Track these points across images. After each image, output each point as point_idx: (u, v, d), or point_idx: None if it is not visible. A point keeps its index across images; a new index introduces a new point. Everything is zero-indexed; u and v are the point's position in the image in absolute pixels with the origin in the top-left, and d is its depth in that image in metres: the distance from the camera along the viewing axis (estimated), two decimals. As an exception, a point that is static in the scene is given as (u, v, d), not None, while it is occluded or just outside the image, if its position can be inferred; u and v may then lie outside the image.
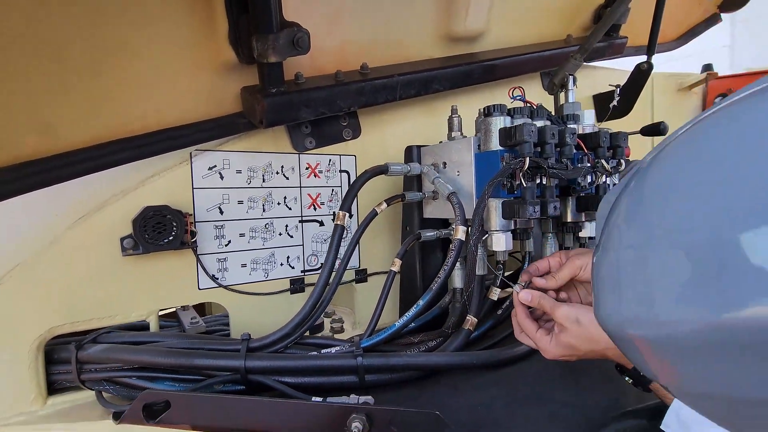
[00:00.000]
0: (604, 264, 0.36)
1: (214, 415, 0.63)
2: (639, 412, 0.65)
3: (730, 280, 0.25)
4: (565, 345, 0.61)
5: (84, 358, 0.74)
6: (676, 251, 0.28)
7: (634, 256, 0.32)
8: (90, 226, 0.76)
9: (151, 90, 0.75)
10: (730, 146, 0.28)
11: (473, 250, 0.74)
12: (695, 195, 0.29)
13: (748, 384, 0.26)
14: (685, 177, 0.30)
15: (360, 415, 0.57)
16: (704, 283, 0.26)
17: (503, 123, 0.79)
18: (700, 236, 0.27)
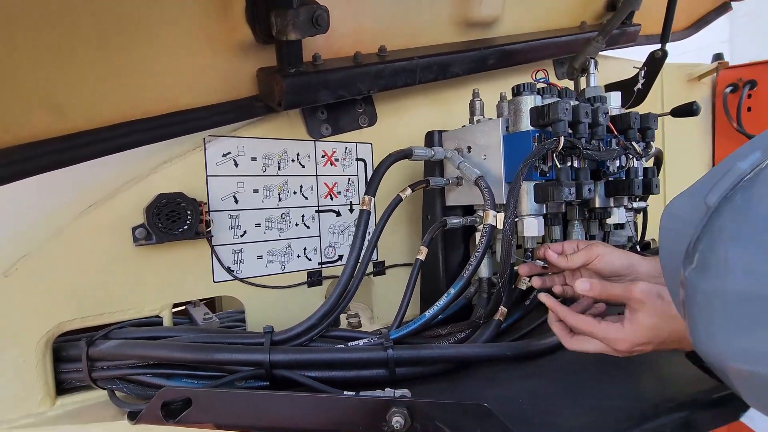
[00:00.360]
0: (710, 289, 0.32)
1: (240, 413, 0.59)
2: (691, 404, 0.61)
3: None
4: (646, 326, 0.55)
5: (95, 355, 0.69)
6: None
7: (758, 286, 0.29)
8: (100, 215, 0.72)
9: (164, 71, 0.71)
10: None
11: (508, 234, 0.70)
12: None
13: None
14: None
15: (401, 408, 0.53)
16: None
17: (534, 102, 0.76)
18: None
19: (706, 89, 1.92)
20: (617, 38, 1.46)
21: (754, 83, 1.78)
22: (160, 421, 0.61)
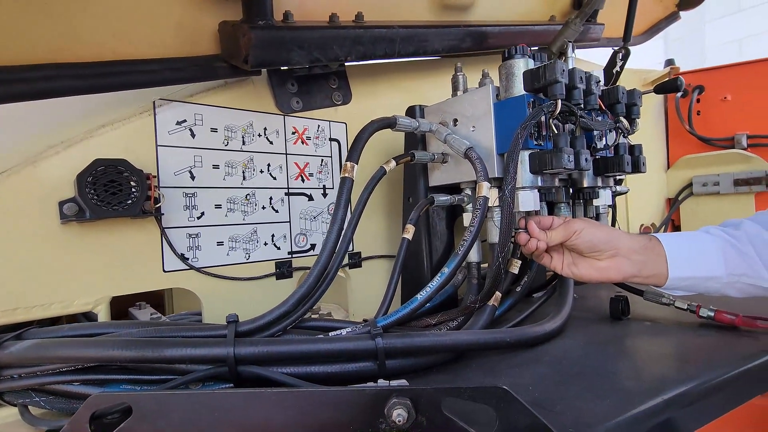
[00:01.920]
0: None
1: (197, 419, 0.46)
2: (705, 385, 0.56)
3: None
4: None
5: (3, 361, 0.54)
6: None
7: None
8: (18, 185, 0.58)
9: (107, 11, 0.59)
10: None
11: (508, 203, 0.63)
12: None
13: None
14: None
15: (402, 399, 0.43)
16: None
17: (527, 65, 0.71)
18: None
19: (659, 95, 2.01)
20: (582, 36, 1.48)
21: (702, 88, 1.88)
22: (89, 438, 0.47)
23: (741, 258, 0.69)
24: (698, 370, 0.58)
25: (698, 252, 0.70)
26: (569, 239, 0.69)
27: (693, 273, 0.69)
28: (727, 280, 0.69)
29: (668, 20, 1.87)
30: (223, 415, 0.47)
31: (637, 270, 0.69)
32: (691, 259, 0.69)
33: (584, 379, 0.58)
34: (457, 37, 1.01)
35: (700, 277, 0.69)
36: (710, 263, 0.69)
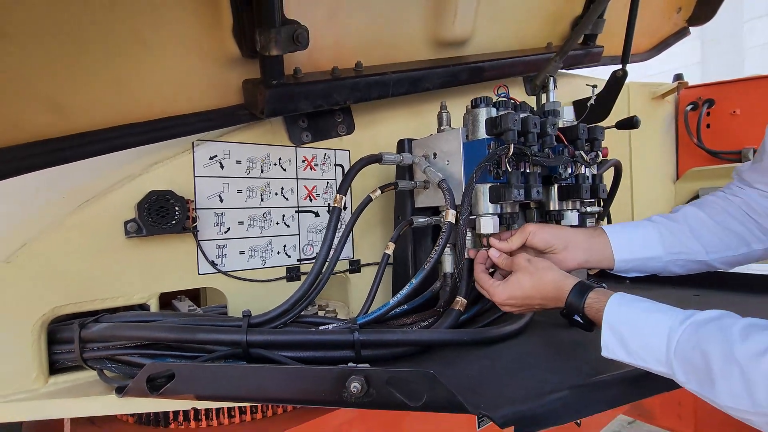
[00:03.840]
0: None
1: (219, 385, 0.66)
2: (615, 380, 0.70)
3: None
4: (517, 287, 0.75)
5: (87, 337, 0.75)
6: None
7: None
8: (95, 210, 0.79)
9: (158, 79, 0.79)
10: None
11: (462, 231, 0.78)
12: None
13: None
14: None
15: (358, 376, 0.61)
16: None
17: (489, 114, 0.85)
18: None
19: (670, 107, 2.05)
20: (581, 58, 1.58)
21: (712, 102, 1.92)
22: (145, 394, 0.67)
23: (676, 237, 0.81)
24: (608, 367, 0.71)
25: (638, 236, 0.82)
26: (526, 240, 0.81)
27: (635, 255, 0.82)
28: (667, 258, 0.82)
29: (677, 36, 1.91)
30: (236, 382, 0.66)
31: (587, 257, 0.82)
32: (632, 243, 0.82)
33: (517, 372, 0.73)
34: (448, 74, 1.16)
35: (642, 258, 0.82)
36: (649, 245, 0.81)
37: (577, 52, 1.57)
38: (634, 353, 0.59)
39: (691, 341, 0.54)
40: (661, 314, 0.59)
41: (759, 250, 0.81)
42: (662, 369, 0.57)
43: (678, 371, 0.55)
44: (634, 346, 0.59)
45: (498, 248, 0.83)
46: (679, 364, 0.55)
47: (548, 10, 1.48)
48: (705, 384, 0.53)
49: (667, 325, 0.57)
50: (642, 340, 0.59)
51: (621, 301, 0.64)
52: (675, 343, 0.55)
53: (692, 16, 1.87)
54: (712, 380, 0.52)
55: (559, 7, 1.50)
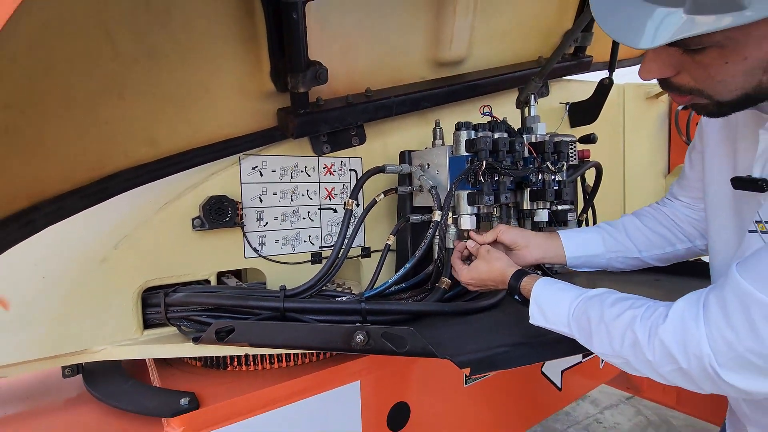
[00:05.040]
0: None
1: (265, 336, 0.94)
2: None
3: None
4: (476, 270, 0.98)
5: (169, 302, 1.05)
6: None
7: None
8: (172, 210, 1.07)
9: (216, 114, 1.06)
10: None
11: (443, 227, 1.03)
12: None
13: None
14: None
15: (362, 331, 0.87)
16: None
17: (468, 136, 1.08)
18: None
19: (664, 106, 2.20)
20: (572, 69, 1.76)
21: (702, 102, 2.05)
22: (214, 342, 0.96)
23: (615, 239, 1.04)
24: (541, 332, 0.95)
25: (584, 239, 1.05)
26: (497, 237, 1.04)
27: (582, 253, 1.05)
28: (608, 255, 1.05)
29: (670, 40, 2.03)
30: (277, 334, 0.93)
31: (544, 254, 1.05)
32: (579, 243, 1.05)
33: (483, 334, 0.98)
34: (445, 93, 1.38)
35: (588, 255, 1.05)
36: (593, 245, 1.04)
37: (568, 63, 1.75)
38: (549, 320, 0.81)
39: (580, 309, 0.76)
40: (568, 292, 0.80)
41: (682, 249, 1.03)
42: (566, 330, 0.79)
43: (574, 330, 0.77)
44: (549, 314, 0.81)
45: (475, 240, 1.07)
46: (575, 325, 0.77)
47: (540, 26, 1.66)
48: (587, 338, 0.74)
49: (569, 299, 0.79)
50: (554, 310, 0.80)
51: (544, 283, 0.84)
52: (573, 310, 0.77)
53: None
54: (591, 335, 0.73)
55: (550, 22, 1.68)
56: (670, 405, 2.32)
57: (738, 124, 0.77)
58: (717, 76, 0.59)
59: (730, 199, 0.78)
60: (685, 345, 0.62)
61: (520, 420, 1.53)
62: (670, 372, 0.65)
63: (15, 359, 0.92)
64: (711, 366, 0.60)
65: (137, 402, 0.94)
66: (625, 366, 0.71)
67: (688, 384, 0.65)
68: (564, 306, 0.79)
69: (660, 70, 0.63)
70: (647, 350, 0.66)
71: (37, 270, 0.93)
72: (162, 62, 0.92)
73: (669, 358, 0.64)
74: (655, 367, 0.66)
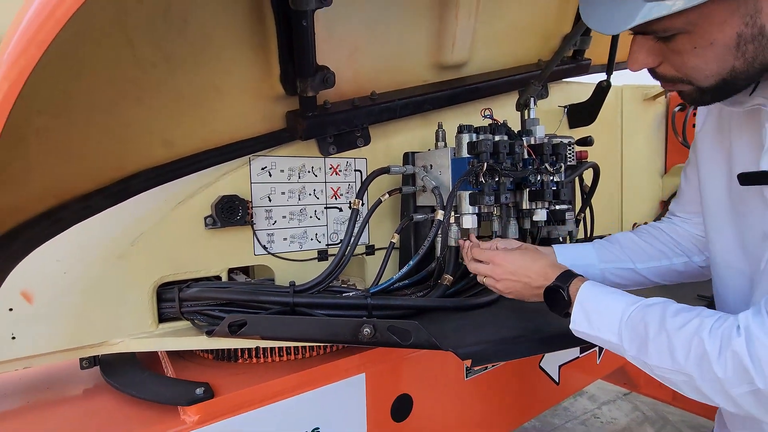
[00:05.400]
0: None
1: (276, 329, 0.98)
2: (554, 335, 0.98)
3: None
4: (516, 252, 0.95)
5: (183, 297, 1.09)
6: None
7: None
8: (185, 209, 1.11)
9: (228, 116, 1.10)
10: None
11: (446, 226, 1.08)
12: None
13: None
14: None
15: (368, 325, 0.92)
16: None
17: (470, 138, 1.13)
18: None
19: (661, 107, 2.24)
20: (571, 71, 1.80)
21: (698, 104, 2.09)
22: (227, 335, 1.01)
23: (608, 250, 1.05)
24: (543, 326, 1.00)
25: (577, 250, 1.07)
26: (494, 245, 1.09)
27: (573, 262, 1.05)
28: (601, 266, 1.03)
29: (668, 43, 2.08)
30: (288, 328, 0.98)
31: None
32: (571, 254, 1.07)
33: (483, 328, 1.03)
34: (447, 96, 1.43)
35: (580, 265, 1.04)
36: (585, 255, 1.05)
37: (567, 66, 1.79)
38: (594, 325, 0.74)
39: (638, 316, 0.69)
40: (620, 296, 0.74)
41: (678, 263, 1.01)
42: (613, 338, 0.71)
43: (625, 339, 0.69)
44: (595, 319, 0.74)
45: (472, 241, 1.10)
46: (627, 333, 0.69)
47: (540, 29, 1.70)
48: (642, 348, 0.67)
49: (623, 304, 0.72)
50: (603, 314, 0.74)
51: (592, 286, 0.78)
52: (627, 317, 0.70)
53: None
54: (647, 344, 0.66)
55: (550, 26, 1.72)
56: (667, 401, 2.37)
57: (731, 127, 0.78)
58: (689, 62, 0.64)
59: (727, 204, 0.78)
60: (763, 361, 0.54)
61: (519, 413, 1.59)
62: (743, 395, 0.57)
63: (39, 351, 0.97)
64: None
65: (154, 391, 0.99)
66: (687, 385, 0.63)
67: (763, 411, 0.57)
68: (617, 311, 0.72)
69: (644, 60, 0.68)
70: (717, 365, 0.58)
71: (60, 266, 0.97)
72: (178, 68, 0.97)
73: (743, 375, 0.56)
74: (726, 386, 0.58)
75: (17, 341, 0.95)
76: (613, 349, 0.74)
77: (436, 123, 1.37)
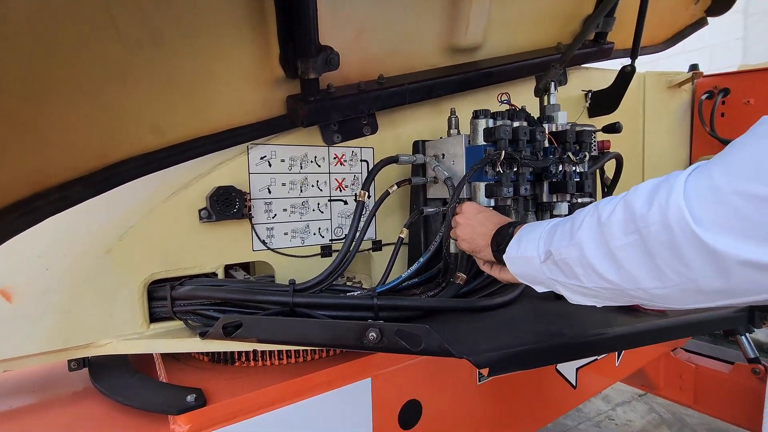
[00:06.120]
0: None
1: (274, 332, 0.90)
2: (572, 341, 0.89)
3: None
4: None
5: (175, 296, 1.02)
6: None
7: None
8: (178, 200, 1.03)
9: (223, 100, 1.02)
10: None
11: (449, 216, 0.98)
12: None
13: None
14: None
15: (375, 328, 0.83)
16: None
17: (486, 124, 1.03)
18: None
19: (687, 95, 2.11)
20: (592, 56, 1.68)
21: (727, 91, 1.97)
22: (221, 337, 0.93)
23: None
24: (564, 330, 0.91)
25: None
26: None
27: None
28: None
29: (695, 26, 1.95)
30: (287, 330, 0.90)
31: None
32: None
33: (501, 331, 0.94)
34: (459, 81, 1.33)
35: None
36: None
37: (588, 50, 1.67)
38: (521, 246, 0.75)
39: (557, 222, 0.71)
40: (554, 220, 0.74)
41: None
42: (534, 253, 0.71)
43: (542, 245, 0.70)
44: (523, 241, 0.76)
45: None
46: (543, 239, 0.70)
47: (559, 11, 1.59)
48: (548, 240, 0.68)
49: (551, 222, 0.73)
50: (529, 235, 0.75)
51: (534, 223, 0.80)
52: (549, 227, 0.71)
53: (710, 7, 1.90)
54: (554, 234, 0.68)
55: (570, 8, 1.60)
56: (687, 404, 2.26)
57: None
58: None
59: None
60: (652, 198, 0.51)
61: (534, 419, 1.50)
62: (624, 246, 0.54)
63: (18, 353, 0.90)
64: (684, 220, 0.47)
65: (143, 398, 0.92)
66: (578, 263, 0.62)
67: (643, 260, 0.53)
68: (543, 225, 0.73)
69: None
70: (605, 223, 0.56)
71: (41, 261, 0.90)
72: (166, 46, 0.88)
73: (629, 219, 0.53)
74: (608, 241, 0.56)
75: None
76: (533, 271, 0.72)
77: (447, 111, 1.27)
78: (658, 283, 0.53)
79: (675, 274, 0.51)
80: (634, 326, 0.99)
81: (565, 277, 0.67)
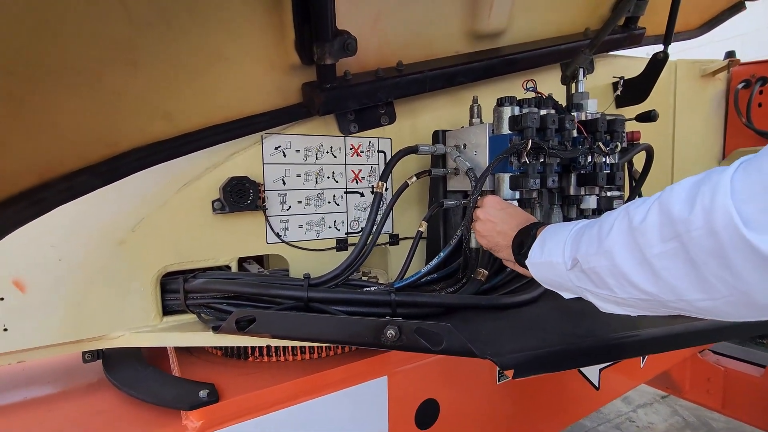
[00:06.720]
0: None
1: (289, 327, 0.87)
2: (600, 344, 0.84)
3: None
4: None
5: (188, 289, 0.99)
6: None
7: None
8: (191, 191, 1.01)
9: (237, 88, 0.98)
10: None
11: (471, 210, 0.93)
12: None
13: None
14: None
15: (393, 326, 0.79)
16: None
17: (512, 112, 0.97)
18: None
19: (721, 85, 2.00)
20: (621, 42, 1.59)
21: (766, 80, 1.85)
22: (234, 332, 0.90)
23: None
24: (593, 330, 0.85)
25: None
26: None
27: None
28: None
29: (732, 11, 1.84)
30: (302, 326, 0.86)
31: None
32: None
33: (525, 331, 0.88)
34: (482, 68, 1.26)
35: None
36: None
37: (618, 36, 1.59)
38: (545, 250, 0.70)
39: (583, 226, 0.65)
40: (578, 221, 0.70)
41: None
42: (558, 258, 0.66)
43: (567, 249, 0.65)
44: (547, 245, 0.70)
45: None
46: (569, 244, 0.65)
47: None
48: (575, 246, 0.63)
49: (577, 224, 0.68)
50: (554, 238, 0.70)
51: (557, 225, 0.75)
52: (575, 231, 0.66)
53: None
54: (581, 239, 0.62)
55: (600, -9, 1.52)
56: (715, 408, 2.17)
57: None
58: None
59: None
60: (693, 199, 0.45)
61: (555, 420, 1.44)
62: (662, 254, 0.48)
63: (31, 344, 0.89)
64: (732, 224, 0.41)
65: (155, 393, 0.90)
66: (608, 272, 0.56)
67: (685, 270, 0.47)
68: (568, 228, 0.68)
69: None
70: (637, 228, 0.51)
71: (54, 252, 0.89)
72: (179, 29, 0.85)
73: (666, 224, 0.47)
74: (643, 248, 0.50)
75: (9, 333, 0.87)
76: (559, 278, 0.67)
77: (468, 101, 1.21)
78: (703, 295, 0.47)
79: (723, 286, 0.45)
80: (667, 328, 0.93)
81: (594, 287, 0.61)
